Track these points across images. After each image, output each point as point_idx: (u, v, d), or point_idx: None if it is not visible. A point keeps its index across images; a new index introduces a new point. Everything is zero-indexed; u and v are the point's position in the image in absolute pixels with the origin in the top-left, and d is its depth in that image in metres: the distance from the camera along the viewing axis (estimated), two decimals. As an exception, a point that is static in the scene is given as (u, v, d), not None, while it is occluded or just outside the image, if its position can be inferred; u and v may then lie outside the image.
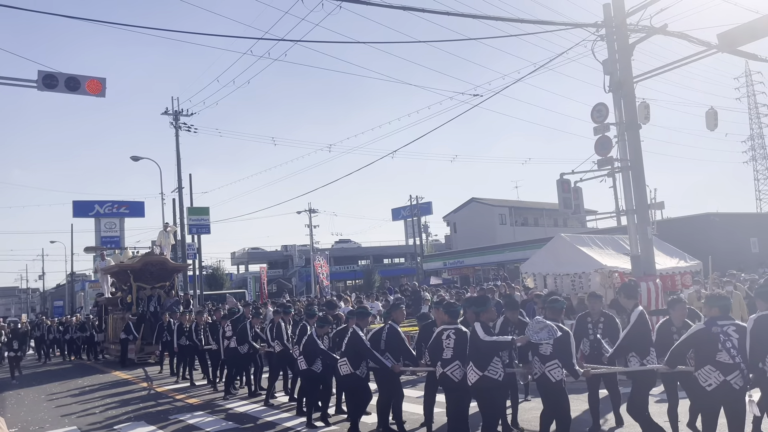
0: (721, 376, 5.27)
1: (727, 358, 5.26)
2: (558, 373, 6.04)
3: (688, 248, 15.65)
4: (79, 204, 45.43)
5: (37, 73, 10.51)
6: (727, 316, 5.45)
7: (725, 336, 5.30)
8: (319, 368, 8.48)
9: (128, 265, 20.40)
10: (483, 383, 6.10)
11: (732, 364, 5.24)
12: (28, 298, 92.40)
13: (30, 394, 13.94)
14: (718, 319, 5.43)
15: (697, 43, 11.87)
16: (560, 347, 6.02)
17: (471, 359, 6.23)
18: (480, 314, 6.37)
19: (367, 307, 9.72)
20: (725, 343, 5.28)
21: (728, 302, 5.58)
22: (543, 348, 6.15)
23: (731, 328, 5.34)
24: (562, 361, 6.01)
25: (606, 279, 12.28)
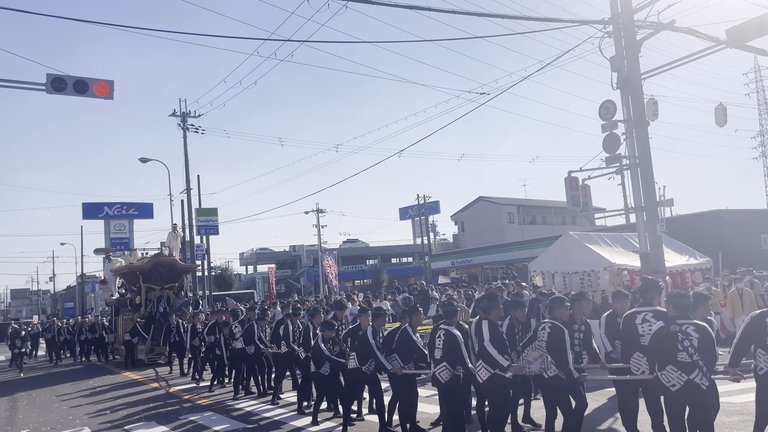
0: (684, 375, 5.22)
1: (686, 357, 5.22)
2: (551, 370, 6.06)
3: (698, 245, 15.55)
4: (89, 206, 45.66)
5: (46, 77, 10.57)
6: (686, 315, 5.38)
7: (684, 335, 5.24)
8: (326, 371, 8.52)
9: (138, 266, 20.52)
10: (494, 381, 6.10)
11: (692, 363, 5.18)
12: (39, 300, 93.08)
13: (41, 395, 14.04)
14: (677, 318, 5.39)
15: (706, 39, 11.80)
16: (553, 345, 6.04)
17: (481, 357, 6.22)
18: (489, 311, 6.37)
19: (382, 306, 9.72)
20: (683, 341, 5.23)
21: (687, 301, 5.47)
22: (539, 345, 6.21)
23: (690, 328, 5.27)
24: (555, 360, 6.01)
25: (615, 277, 12.23)
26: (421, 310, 8.44)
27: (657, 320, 5.90)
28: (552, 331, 6.12)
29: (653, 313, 6.11)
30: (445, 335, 6.54)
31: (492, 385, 6.18)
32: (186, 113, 30.88)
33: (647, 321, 6.10)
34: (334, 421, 8.75)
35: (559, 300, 6.47)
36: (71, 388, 14.83)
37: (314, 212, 49.79)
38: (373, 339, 7.65)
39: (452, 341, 6.45)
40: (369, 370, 7.72)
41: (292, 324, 10.36)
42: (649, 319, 6.09)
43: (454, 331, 6.54)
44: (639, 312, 6.24)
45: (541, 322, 6.47)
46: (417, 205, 55.17)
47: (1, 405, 12.94)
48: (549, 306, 6.54)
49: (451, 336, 6.49)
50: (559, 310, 6.29)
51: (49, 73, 10.60)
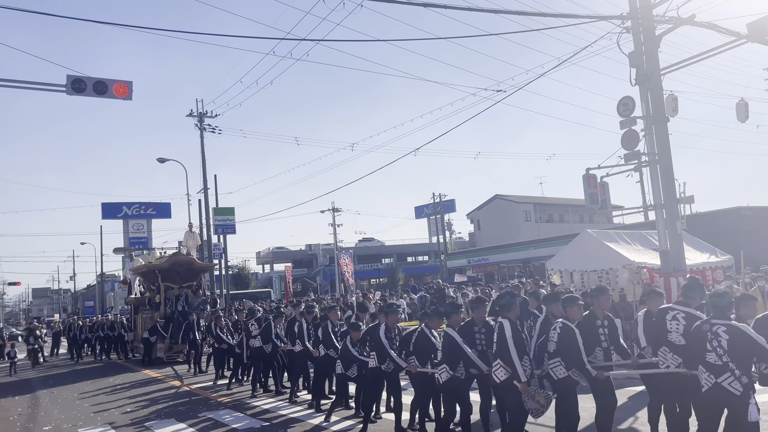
0: (712, 377, 5.12)
1: (715, 359, 5.10)
2: (560, 371, 6.01)
3: (719, 243, 15.35)
4: (108, 206, 46.22)
5: (66, 78, 10.71)
6: (723, 315, 5.24)
7: (713, 335, 5.13)
8: (353, 373, 8.54)
9: (156, 265, 20.71)
10: (511, 381, 6.06)
11: (721, 366, 5.06)
12: (60, 299, 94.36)
13: (63, 392, 14.24)
14: (714, 317, 5.28)
15: (726, 34, 11.63)
16: (563, 345, 6.00)
17: (499, 357, 6.19)
18: (508, 310, 6.34)
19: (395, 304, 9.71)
20: (712, 342, 5.12)
21: (726, 300, 5.34)
22: (549, 345, 6.15)
23: (722, 329, 5.14)
24: (568, 360, 5.95)
25: (634, 275, 12.13)
26: (443, 314, 8.39)
27: (686, 321, 5.85)
28: (562, 331, 6.06)
29: (685, 313, 6.01)
30: (444, 337, 6.71)
31: (509, 386, 6.13)
32: (203, 113, 31.09)
33: (676, 319, 6.03)
34: (353, 419, 8.77)
35: (572, 299, 6.40)
36: (92, 385, 15.02)
37: (330, 211, 49.97)
38: (384, 337, 7.63)
39: (450, 343, 6.58)
40: (389, 368, 7.71)
41: (306, 322, 10.42)
42: (678, 318, 6.02)
43: (452, 333, 6.64)
44: (673, 309, 6.17)
45: (554, 322, 6.39)
46: (432, 204, 55.09)
47: (24, 402, 13.15)
48: (562, 305, 6.44)
49: (448, 338, 6.62)
50: (571, 309, 6.22)
51: (69, 75, 10.73)
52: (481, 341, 6.89)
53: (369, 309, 15.69)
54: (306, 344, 10.13)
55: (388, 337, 7.66)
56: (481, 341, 6.89)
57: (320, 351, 9.60)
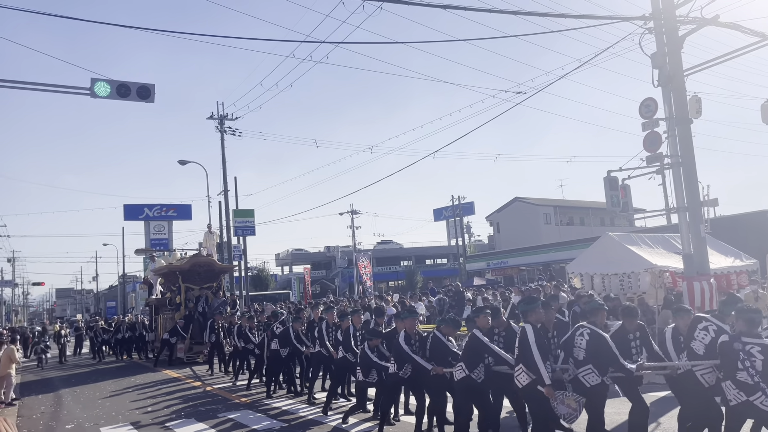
0: (742, 395, 5.03)
1: (746, 378, 5.01)
2: (593, 378, 5.93)
3: (744, 247, 15.08)
4: (130, 207, 46.81)
5: (90, 81, 10.87)
6: (754, 333, 5.13)
7: (746, 355, 5.03)
8: (374, 379, 8.52)
9: (177, 266, 20.92)
10: (534, 386, 6.00)
11: (752, 385, 4.98)
12: (83, 299, 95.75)
13: (85, 391, 14.43)
14: (744, 334, 5.16)
15: (750, 34, 11.45)
16: (594, 351, 5.93)
17: (522, 362, 6.14)
18: (527, 314, 6.29)
19: (414, 307, 9.69)
20: (744, 362, 5.02)
21: (758, 316, 5.22)
22: (576, 352, 6.08)
23: (756, 349, 5.02)
24: (601, 365, 5.88)
25: (656, 279, 11.95)
26: (460, 322, 8.32)
27: (715, 335, 5.76)
28: (591, 337, 6.00)
29: (717, 327, 5.91)
30: (469, 337, 6.91)
31: (532, 391, 6.08)
32: (223, 116, 31.35)
33: (706, 330, 5.95)
34: (370, 422, 8.76)
35: (597, 307, 6.36)
36: (113, 385, 15.20)
37: (349, 213, 50.02)
38: (405, 343, 7.61)
39: (475, 343, 6.74)
40: (406, 374, 7.69)
41: (326, 324, 10.45)
42: (709, 331, 5.93)
43: (478, 334, 6.78)
44: (707, 320, 6.08)
45: (579, 326, 6.33)
46: (452, 206, 54.89)
47: (47, 401, 13.35)
48: (587, 312, 6.41)
49: (474, 338, 6.78)
50: (595, 317, 6.21)
51: (92, 78, 10.89)
52: (499, 343, 6.93)
53: (386, 312, 15.68)
54: (326, 344, 10.15)
55: (408, 343, 7.63)
56: (499, 343, 6.93)
57: (339, 353, 9.62)
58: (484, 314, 7.07)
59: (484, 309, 7.36)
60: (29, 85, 10.85)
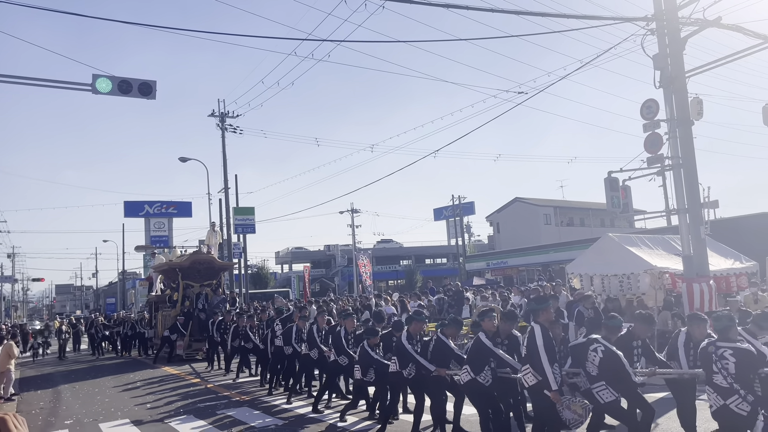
0: (720, 399, 5.09)
1: (721, 381, 5.08)
2: (607, 395, 5.90)
3: (744, 249, 15.07)
4: (130, 204, 46.81)
5: (92, 77, 10.87)
6: (726, 338, 5.21)
7: (718, 358, 5.11)
8: (371, 378, 8.55)
9: (177, 263, 20.93)
10: (541, 387, 6.01)
11: (727, 388, 5.03)
12: (83, 296, 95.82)
13: (84, 387, 14.44)
14: (718, 340, 5.26)
15: (753, 36, 11.44)
16: (607, 368, 5.89)
17: (529, 362, 6.15)
18: (538, 314, 6.28)
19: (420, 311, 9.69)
20: (717, 363, 5.09)
21: (722, 324, 5.28)
22: (589, 367, 6.05)
23: (728, 352, 5.10)
24: (615, 382, 5.86)
25: (656, 280, 11.97)
26: (462, 322, 8.34)
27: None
28: (605, 355, 5.93)
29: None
30: (474, 341, 6.96)
31: (539, 392, 6.07)
32: (224, 113, 31.36)
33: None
34: (368, 420, 8.78)
35: (617, 325, 6.29)
36: (112, 381, 15.21)
37: (349, 212, 50.02)
38: (408, 343, 7.62)
39: (480, 347, 6.73)
40: (410, 374, 7.69)
41: (317, 327, 10.47)
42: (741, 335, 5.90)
43: (483, 338, 6.76)
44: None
45: (593, 340, 6.21)
46: (452, 206, 54.85)
47: (46, 396, 13.36)
48: (604, 326, 6.36)
49: (479, 342, 6.78)
50: (612, 334, 6.18)
51: (95, 74, 10.89)
52: (503, 347, 6.89)
53: (386, 313, 15.68)
54: (320, 346, 10.14)
55: (411, 344, 7.65)
56: (503, 347, 6.89)
57: (331, 356, 9.68)
58: (490, 317, 6.99)
59: (491, 312, 7.27)
60: (30, 80, 10.85)
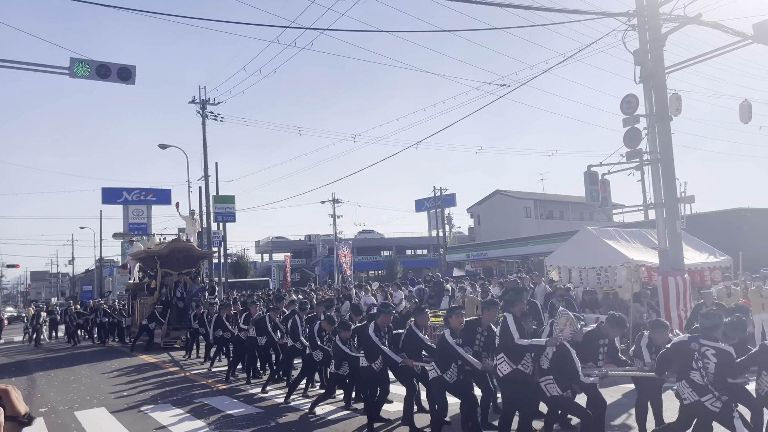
0: (695, 395, 5.18)
1: (699, 378, 5.16)
2: (554, 389, 5.96)
3: (718, 243, 15.34)
4: (108, 191, 46.21)
5: (69, 60, 10.69)
6: (711, 337, 5.27)
7: (700, 356, 5.17)
8: (345, 371, 8.58)
9: (155, 251, 20.73)
10: (515, 375, 6.07)
11: (703, 386, 5.12)
12: (59, 283, 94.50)
13: (59, 375, 14.28)
14: (702, 337, 5.31)
15: (732, 34, 11.59)
16: (557, 363, 5.93)
17: (503, 351, 6.20)
18: (513, 304, 6.34)
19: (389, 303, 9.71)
20: (698, 362, 5.15)
21: (711, 322, 5.36)
22: (541, 360, 6.08)
23: (710, 351, 5.16)
24: (561, 379, 5.90)
25: (633, 273, 12.14)
26: (427, 311, 8.33)
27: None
28: (557, 349, 5.96)
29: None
30: (439, 339, 6.98)
31: (513, 380, 6.12)
32: (205, 100, 31.02)
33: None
34: (344, 410, 8.83)
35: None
36: (89, 369, 15.06)
37: (330, 202, 49.86)
38: (375, 335, 7.60)
39: (444, 346, 6.72)
40: (378, 367, 7.70)
41: (299, 319, 10.45)
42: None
43: (447, 337, 6.73)
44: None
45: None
46: (433, 197, 55.00)
47: (20, 384, 13.18)
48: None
49: (443, 341, 6.77)
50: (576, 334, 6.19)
51: (72, 57, 10.71)
52: (480, 342, 6.86)
53: (365, 303, 15.71)
54: (301, 339, 10.14)
55: (378, 335, 7.63)
56: (480, 342, 6.86)
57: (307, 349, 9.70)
58: (458, 315, 6.94)
59: (459, 309, 7.22)
60: (6, 62, 10.62)
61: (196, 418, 8.86)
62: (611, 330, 6.34)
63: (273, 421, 8.46)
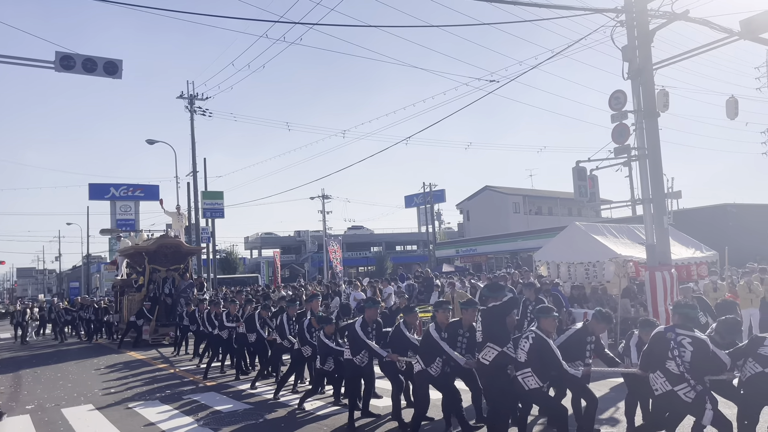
0: (668, 385, 5.21)
1: (674, 368, 5.19)
2: (531, 382, 5.88)
3: (705, 239, 15.48)
4: (95, 187, 45.82)
5: (55, 54, 10.57)
6: (688, 327, 5.31)
7: (677, 345, 5.20)
8: (330, 367, 8.57)
9: (143, 247, 20.59)
10: (500, 360, 6.13)
11: (679, 375, 5.15)
12: (45, 279, 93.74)
13: (46, 372, 14.17)
14: (678, 327, 5.34)
15: (719, 30, 11.64)
16: (535, 355, 5.88)
17: (488, 339, 6.29)
18: (492, 301, 6.36)
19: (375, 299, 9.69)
20: (673, 351, 5.19)
21: (694, 312, 5.42)
22: (518, 353, 6.05)
23: (686, 340, 5.20)
24: (540, 372, 5.89)
25: (620, 268, 12.22)
26: (417, 311, 8.32)
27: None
28: (534, 342, 5.91)
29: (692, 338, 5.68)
30: (425, 334, 6.93)
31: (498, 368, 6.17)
32: (193, 96, 30.81)
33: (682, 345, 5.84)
34: (332, 407, 8.83)
35: (547, 311, 6.30)
36: (76, 366, 14.96)
37: (320, 198, 49.81)
38: (361, 330, 7.59)
39: (428, 340, 6.75)
40: (363, 361, 7.69)
41: (286, 316, 10.37)
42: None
43: (432, 332, 6.74)
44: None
45: (528, 330, 6.26)
46: (423, 193, 55.08)
47: (6, 381, 13.07)
48: (537, 315, 6.37)
49: (427, 335, 6.79)
50: (545, 320, 6.08)
51: (58, 51, 10.59)
52: (462, 345, 6.75)
53: (351, 311, 15.69)
54: (288, 338, 10.09)
55: (365, 331, 7.62)
56: (462, 345, 6.75)
57: (296, 344, 9.67)
58: (444, 309, 6.93)
59: (446, 304, 7.20)
60: (-9, 56, 10.48)
61: (184, 414, 8.83)
62: (597, 326, 6.36)
63: (262, 417, 8.44)
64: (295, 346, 9.68)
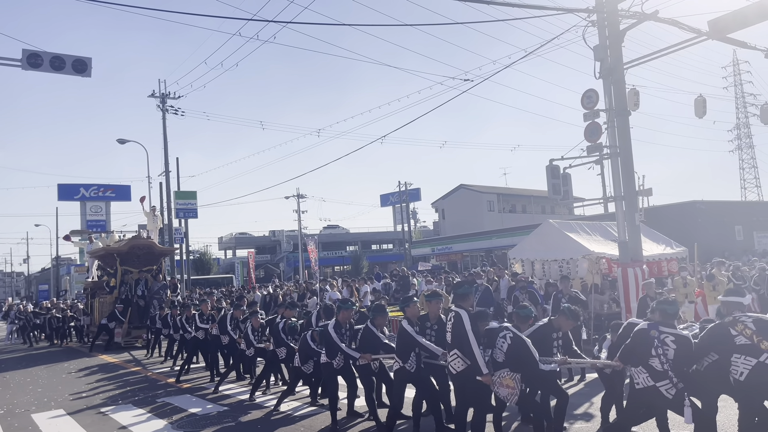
0: (650, 380, 5.28)
1: (657, 365, 5.25)
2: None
3: (675, 235, 15.77)
4: (65, 187, 44.91)
5: (22, 52, 10.35)
6: (670, 324, 5.39)
7: (660, 343, 5.27)
8: (309, 370, 8.55)
9: (115, 248, 20.22)
10: (470, 372, 6.05)
11: (662, 372, 5.22)
12: (13, 282, 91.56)
13: (16, 376, 13.85)
14: (661, 324, 5.42)
15: (688, 30, 11.88)
16: (514, 356, 5.93)
17: (457, 347, 6.13)
18: (466, 298, 6.33)
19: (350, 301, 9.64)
20: (657, 349, 5.25)
21: (674, 308, 5.50)
22: (496, 353, 6.08)
23: (669, 338, 5.28)
24: (520, 368, 5.94)
25: (593, 265, 12.38)
26: (387, 311, 8.31)
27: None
28: (513, 342, 5.97)
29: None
30: (399, 330, 6.92)
31: (468, 377, 6.07)
32: (165, 94, 30.44)
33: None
34: (309, 407, 8.80)
35: (525, 312, 6.49)
36: (46, 370, 14.64)
37: (295, 197, 49.63)
38: (335, 332, 7.54)
39: (403, 336, 6.76)
40: (339, 364, 7.64)
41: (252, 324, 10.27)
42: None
43: (406, 326, 6.74)
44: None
45: (503, 328, 6.25)
46: (398, 192, 55.18)
47: (-26, 387, 12.74)
48: (515, 315, 6.41)
49: (402, 330, 6.80)
50: (522, 324, 6.30)
51: (25, 49, 10.40)
52: (431, 337, 6.82)
53: (334, 312, 15.58)
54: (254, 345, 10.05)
55: (338, 332, 7.57)
56: (431, 337, 6.82)
57: (271, 346, 9.59)
58: (413, 303, 7.02)
59: (412, 298, 7.32)
60: (-47, 53, 10.20)
61: (158, 417, 8.70)
62: (565, 323, 6.36)
63: (237, 419, 8.37)
64: (271, 347, 9.59)
